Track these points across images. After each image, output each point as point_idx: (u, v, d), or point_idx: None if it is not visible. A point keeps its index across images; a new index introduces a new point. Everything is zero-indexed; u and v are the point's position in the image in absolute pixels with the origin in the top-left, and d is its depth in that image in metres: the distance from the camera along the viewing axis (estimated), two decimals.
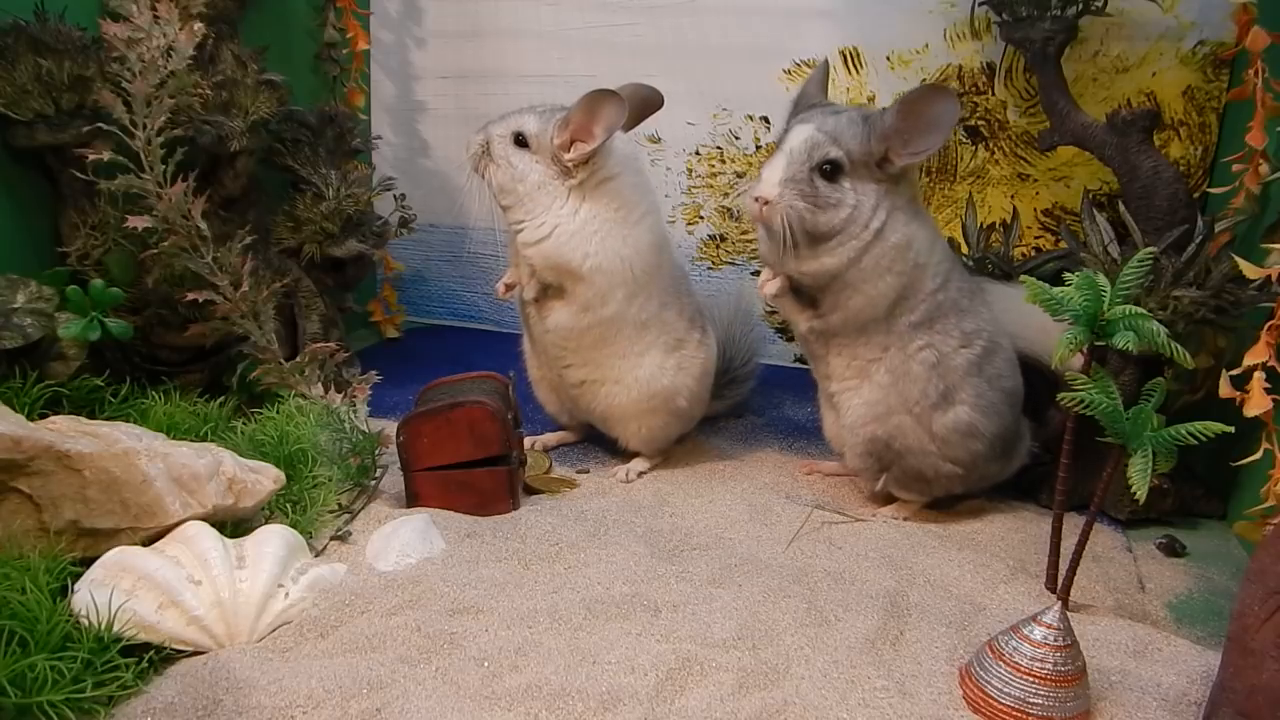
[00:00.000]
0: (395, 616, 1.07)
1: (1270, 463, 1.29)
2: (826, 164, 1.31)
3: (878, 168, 1.32)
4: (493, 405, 1.34)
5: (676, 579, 1.18)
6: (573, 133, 1.40)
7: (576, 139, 1.41)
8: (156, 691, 0.92)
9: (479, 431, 1.34)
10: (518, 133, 1.43)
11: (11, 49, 1.35)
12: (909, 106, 1.29)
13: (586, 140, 1.40)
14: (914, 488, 1.44)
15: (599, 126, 1.39)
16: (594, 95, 1.37)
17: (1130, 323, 1.09)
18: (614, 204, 1.44)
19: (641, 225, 1.46)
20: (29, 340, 1.28)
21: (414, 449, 1.34)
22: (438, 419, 1.33)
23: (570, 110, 1.40)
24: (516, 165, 1.43)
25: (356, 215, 1.77)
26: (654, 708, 0.95)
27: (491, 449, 1.34)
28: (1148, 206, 1.48)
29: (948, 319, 1.37)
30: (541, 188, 1.43)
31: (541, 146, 1.42)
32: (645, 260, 1.46)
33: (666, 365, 1.52)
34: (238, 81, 1.59)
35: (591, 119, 1.39)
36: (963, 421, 1.37)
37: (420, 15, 2.14)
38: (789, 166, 1.31)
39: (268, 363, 1.48)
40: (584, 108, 1.38)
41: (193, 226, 1.38)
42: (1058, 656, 0.96)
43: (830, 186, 1.32)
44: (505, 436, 1.35)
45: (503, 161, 1.43)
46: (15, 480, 1.02)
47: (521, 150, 1.43)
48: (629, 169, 1.48)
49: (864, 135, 1.31)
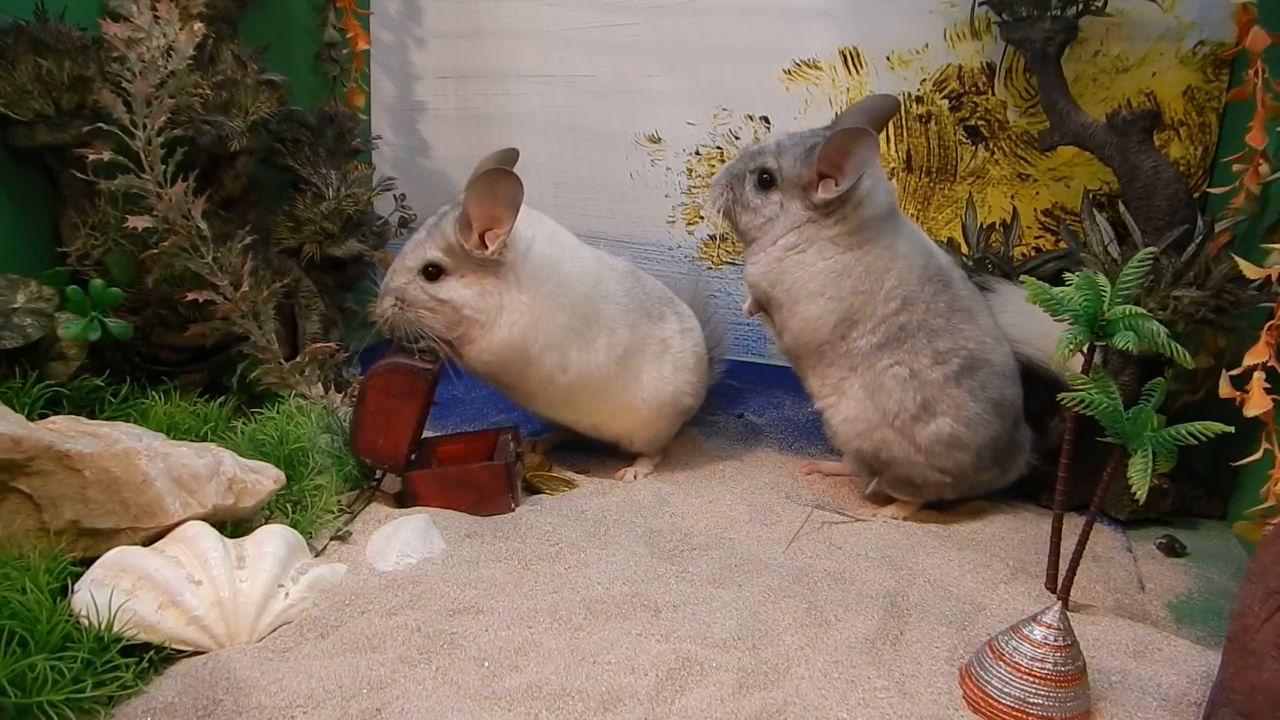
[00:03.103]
0: (395, 616, 1.07)
1: (1270, 463, 1.29)
2: (763, 172, 1.40)
3: (804, 193, 1.38)
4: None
5: (676, 579, 1.18)
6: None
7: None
8: (156, 691, 0.92)
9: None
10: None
11: (11, 49, 1.35)
12: (826, 147, 1.33)
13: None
14: (905, 491, 1.46)
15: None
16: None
17: (1130, 323, 1.09)
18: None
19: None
20: (29, 340, 1.28)
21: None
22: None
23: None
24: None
25: (356, 215, 1.77)
26: (654, 708, 0.95)
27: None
28: (1148, 206, 1.48)
29: (916, 339, 1.38)
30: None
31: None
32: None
33: (664, 372, 1.53)
34: (238, 81, 1.59)
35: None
36: (945, 433, 1.38)
37: (420, 15, 2.14)
38: (735, 164, 1.43)
39: (268, 363, 1.48)
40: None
41: (193, 226, 1.38)
42: (1058, 656, 0.96)
43: (758, 193, 1.41)
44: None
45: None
46: (15, 480, 1.02)
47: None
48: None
49: (801, 160, 1.37)
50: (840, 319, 1.39)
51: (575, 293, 1.43)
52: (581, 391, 1.46)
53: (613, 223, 2.09)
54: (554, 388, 1.44)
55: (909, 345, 1.38)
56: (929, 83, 1.85)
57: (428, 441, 1.48)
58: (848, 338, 1.40)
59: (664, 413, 1.54)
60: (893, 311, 1.38)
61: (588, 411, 1.52)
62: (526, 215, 1.38)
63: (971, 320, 1.41)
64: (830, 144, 1.33)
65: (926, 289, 1.39)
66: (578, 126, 2.06)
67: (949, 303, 1.40)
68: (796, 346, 1.44)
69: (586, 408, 1.51)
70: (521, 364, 1.40)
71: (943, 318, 1.39)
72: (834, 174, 1.35)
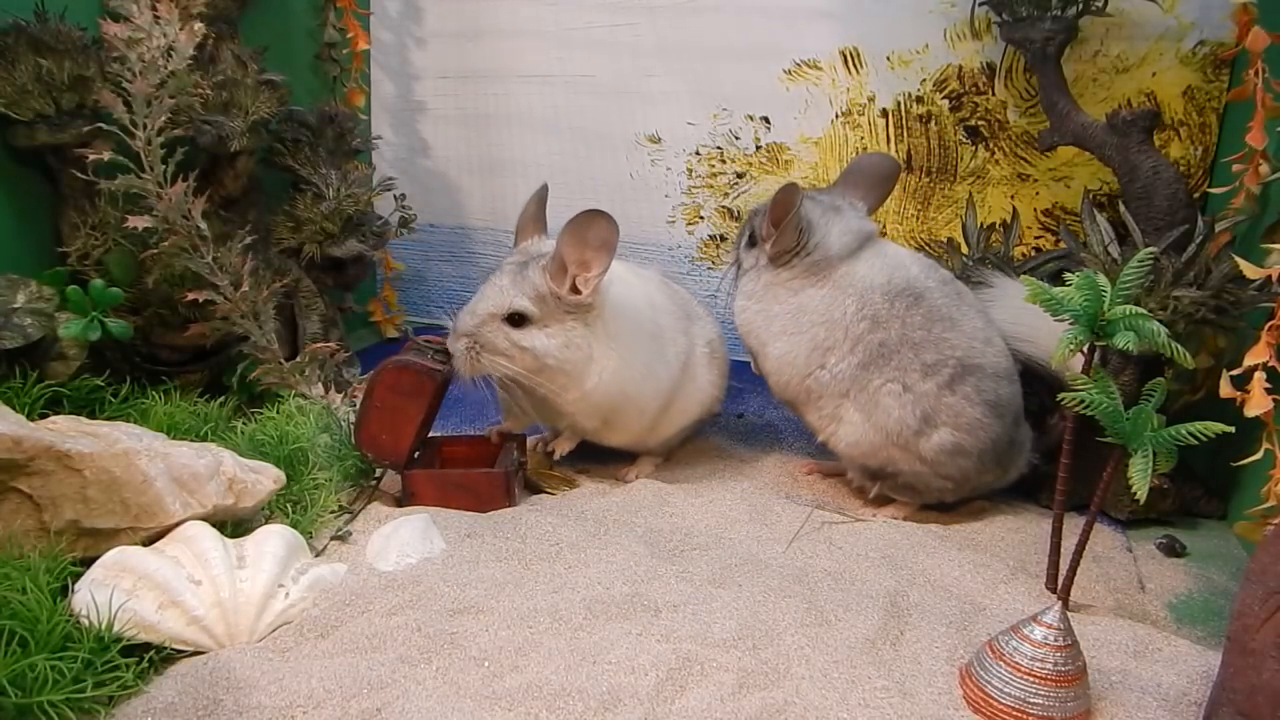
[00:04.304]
0: (395, 616, 1.07)
1: (1270, 463, 1.29)
2: (751, 232, 1.50)
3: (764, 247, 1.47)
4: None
5: (677, 579, 1.18)
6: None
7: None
8: (157, 691, 0.92)
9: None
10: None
11: (11, 49, 1.35)
12: (770, 203, 1.42)
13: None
14: (907, 494, 1.46)
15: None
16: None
17: (1130, 323, 1.09)
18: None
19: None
20: (29, 340, 1.28)
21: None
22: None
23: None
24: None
25: (356, 215, 1.77)
26: (654, 708, 0.95)
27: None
28: (1148, 206, 1.48)
29: (901, 354, 1.39)
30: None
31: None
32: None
33: (712, 376, 1.55)
34: (238, 81, 1.59)
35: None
36: (947, 443, 1.38)
37: (420, 15, 2.14)
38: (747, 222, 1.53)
39: (268, 363, 1.48)
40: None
41: (193, 226, 1.38)
42: (1058, 656, 0.96)
43: (746, 251, 1.51)
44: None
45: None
46: (15, 480, 1.02)
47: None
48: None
49: (763, 216, 1.46)
50: (811, 349, 1.42)
51: (641, 317, 1.43)
52: (662, 410, 1.47)
53: None
54: (646, 417, 1.45)
55: (896, 362, 1.39)
56: (929, 83, 1.85)
57: (433, 441, 1.48)
58: (826, 365, 1.42)
59: (702, 413, 1.56)
60: (865, 330, 1.40)
61: (654, 429, 1.50)
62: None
63: (954, 328, 1.40)
64: (772, 200, 1.43)
65: (896, 305, 1.40)
66: (578, 126, 2.07)
67: (926, 314, 1.40)
68: (780, 386, 1.48)
69: (659, 427, 1.50)
70: (619, 405, 1.41)
71: (923, 330, 1.39)
72: (775, 229, 1.43)
